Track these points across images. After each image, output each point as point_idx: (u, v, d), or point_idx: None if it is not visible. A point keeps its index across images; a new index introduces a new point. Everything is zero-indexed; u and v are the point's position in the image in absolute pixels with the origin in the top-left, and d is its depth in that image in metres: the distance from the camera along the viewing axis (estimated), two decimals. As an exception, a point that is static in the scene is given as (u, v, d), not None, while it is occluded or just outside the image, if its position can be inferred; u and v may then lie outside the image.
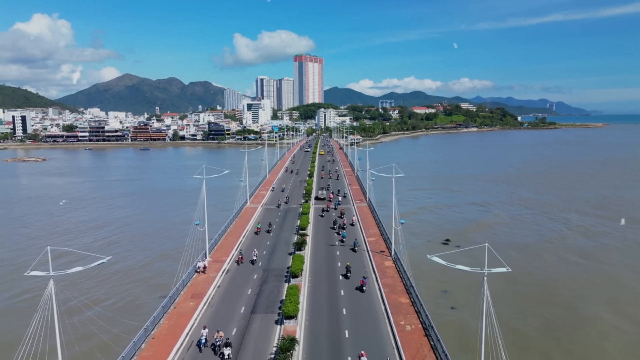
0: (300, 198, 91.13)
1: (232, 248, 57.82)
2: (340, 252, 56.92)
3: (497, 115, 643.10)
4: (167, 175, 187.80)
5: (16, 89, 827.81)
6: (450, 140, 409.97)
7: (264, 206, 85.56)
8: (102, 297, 58.49)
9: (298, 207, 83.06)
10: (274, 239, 63.50)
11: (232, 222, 70.20)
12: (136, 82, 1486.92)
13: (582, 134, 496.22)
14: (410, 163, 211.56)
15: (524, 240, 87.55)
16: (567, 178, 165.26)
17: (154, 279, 65.07)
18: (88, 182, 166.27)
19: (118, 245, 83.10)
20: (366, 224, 70.03)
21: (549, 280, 65.25)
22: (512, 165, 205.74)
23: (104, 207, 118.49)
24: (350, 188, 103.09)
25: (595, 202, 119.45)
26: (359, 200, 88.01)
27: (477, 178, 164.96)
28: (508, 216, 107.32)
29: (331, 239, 62.93)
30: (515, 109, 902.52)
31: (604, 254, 77.92)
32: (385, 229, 62.77)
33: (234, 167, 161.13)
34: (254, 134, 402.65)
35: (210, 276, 48.13)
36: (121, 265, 70.36)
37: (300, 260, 47.81)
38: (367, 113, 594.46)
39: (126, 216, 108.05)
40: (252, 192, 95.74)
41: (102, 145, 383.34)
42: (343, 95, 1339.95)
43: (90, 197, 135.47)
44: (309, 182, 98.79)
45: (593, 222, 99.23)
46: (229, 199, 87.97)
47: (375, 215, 73.96)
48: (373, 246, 58.15)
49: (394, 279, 47.14)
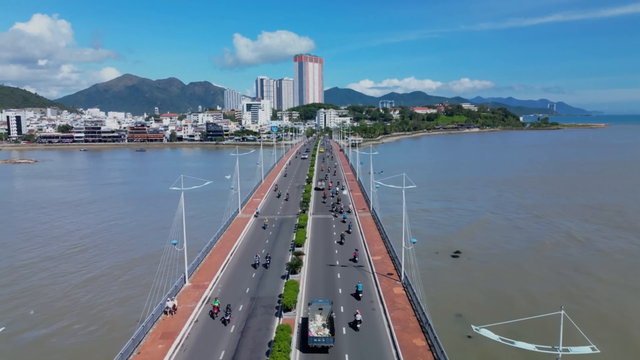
0: (297, 207, 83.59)
1: (217, 269, 50.25)
2: (343, 275, 49.43)
3: (499, 115, 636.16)
4: (160, 178, 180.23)
5: (15, 89, 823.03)
6: (453, 141, 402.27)
7: (259, 217, 77.95)
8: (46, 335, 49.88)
9: (294, 217, 75.53)
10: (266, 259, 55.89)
11: (219, 237, 62.50)
12: (136, 82, 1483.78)
13: (586, 135, 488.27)
14: (413, 164, 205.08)
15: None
16: (588, 181, 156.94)
17: (114, 314, 53.69)
18: (75, 186, 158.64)
19: (77, 263, 72.22)
20: (370, 238, 62.41)
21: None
22: (520, 167, 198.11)
23: (82, 214, 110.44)
24: (352, 195, 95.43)
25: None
26: (361, 210, 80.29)
27: (486, 181, 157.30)
28: (524, 227, 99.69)
29: (331, 254, 55.49)
30: (515, 109, 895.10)
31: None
32: (393, 246, 55.18)
33: (231, 169, 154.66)
34: (253, 134, 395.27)
35: (187, 307, 40.59)
36: (77, 297, 58.97)
37: (293, 289, 40.30)
38: (367, 113, 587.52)
39: (101, 228, 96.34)
40: (245, 200, 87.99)
41: (98, 146, 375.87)
42: (343, 96, 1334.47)
43: (72, 201, 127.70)
44: (307, 189, 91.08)
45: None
46: (220, 205, 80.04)
47: (380, 228, 66.31)
48: (379, 267, 50.55)
49: (406, 312, 39.55)
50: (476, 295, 58.67)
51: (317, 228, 69.37)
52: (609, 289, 61.33)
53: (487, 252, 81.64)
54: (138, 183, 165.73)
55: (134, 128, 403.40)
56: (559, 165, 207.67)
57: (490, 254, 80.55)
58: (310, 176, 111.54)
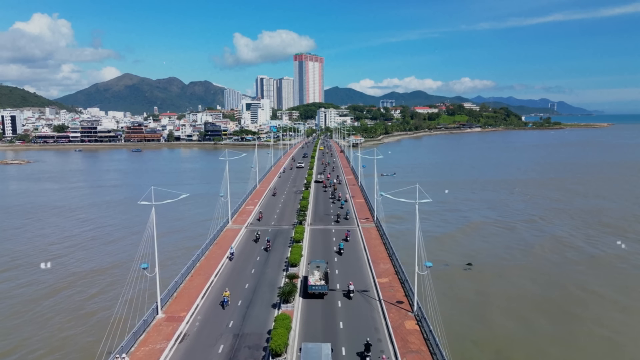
0: (293, 216, 76.04)
1: (198, 295, 43.06)
2: (344, 305, 42.24)
3: (501, 115, 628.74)
4: (155, 180, 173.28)
5: (13, 88, 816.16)
6: (455, 141, 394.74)
7: (250, 227, 70.69)
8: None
9: (290, 228, 68.03)
10: (255, 279, 48.68)
11: (204, 253, 55.21)
12: (136, 81, 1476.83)
13: (591, 135, 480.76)
14: (416, 165, 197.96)
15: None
16: (607, 183, 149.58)
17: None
18: (63, 190, 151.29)
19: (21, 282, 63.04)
20: (375, 254, 55.03)
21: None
22: (531, 169, 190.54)
23: (60, 222, 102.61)
24: (354, 201, 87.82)
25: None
26: (364, 219, 72.63)
27: (496, 183, 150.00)
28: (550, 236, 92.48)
29: (330, 276, 48.30)
30: (516, 109, 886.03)
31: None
32: (402, 266, 47.95)
33: (230, 171, 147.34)
34: (252, 134, 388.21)
35: (156, 348, 33.50)
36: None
37: (284, 326, 33.17)
38: (368, 113, 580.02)
39: (71, 243, 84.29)
40: (237, 207, 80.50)
41: (94, 146, 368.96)
42: (344, 95, 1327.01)
43: (53, 206, 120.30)
44: (304, 196, 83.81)
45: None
46: (208, 214, 72.55)
47: (386, 242, 59.02)
48: (386, 293, 43.29)
49: (422, 355, 32.44)
50: (501, 325, 50.85)
51: (316, 241, 62.16)
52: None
53: (501, 262, 74.72)
54: (129, 186, 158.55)
55: (131, 128, 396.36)
56: (577, 166, 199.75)
57: (504, 264, 73.65)
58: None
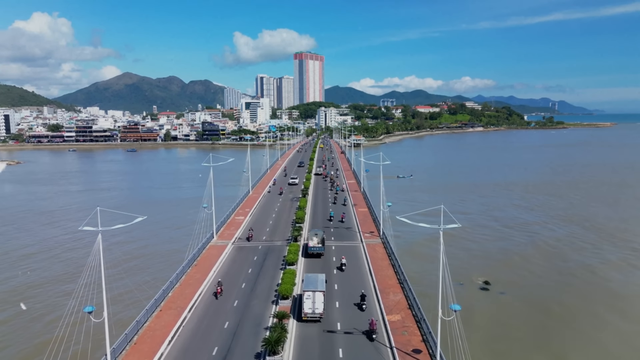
0: (287, 230, 66.84)
1: (164, 340, 34.47)
2: (347, 348, 33.73)
3: (503, 114, 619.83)
4: (147, 183, 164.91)
5: (11, 87, 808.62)
6: (458, 141, 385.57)
7: (237, 243, 61.46)
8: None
9: (283, 245, 58.92)
10: (239, 313, 40.10)
11: (179, 279, 46.17)
12: (136, 80, 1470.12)
13: (595, 134, 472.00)
14: (422, 166, 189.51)
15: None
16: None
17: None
18: (48, 193, 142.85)
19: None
20: (383, 281, 45.99)
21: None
22: (543, 171, 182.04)
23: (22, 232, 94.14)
24: (356, 211, 78.33)
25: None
26: (368, 234, 63.09)
27: (507, 187, 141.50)
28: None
29: (330, 316, 39.82)
30: (517, 108, 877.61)
31: None
32: (416, 298, 39.32)
33: (227, 172, 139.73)
34: (251, 134, 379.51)
35: None
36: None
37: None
38: (369, 112, 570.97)
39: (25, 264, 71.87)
40: (225, 218, 71.31)
41: (89, 146, 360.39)
42: (344, 94, 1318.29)
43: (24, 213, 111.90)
44: (301, 204, 75.00)
45: None
46: (187, 228, 63.66)
47: (394, 264, 50.41)
48: (398, 336, 34.55)
49: None
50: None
51: (313, 262, 53.44)
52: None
53: (524, 282, 66.16)
54: (118, 189, 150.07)
55: (127, 127, 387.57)
56: (586, 169, 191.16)
57: (528, 285, 65.15)
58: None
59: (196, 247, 53.18)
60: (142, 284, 51.22)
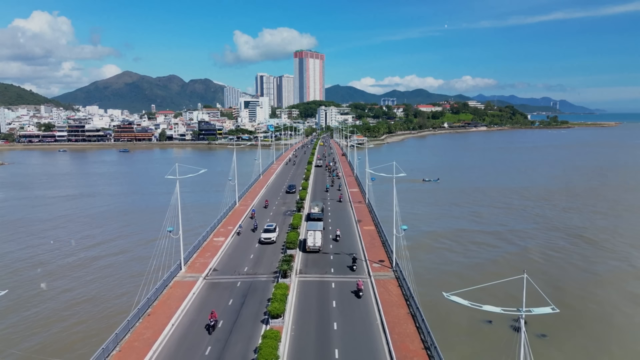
0: (277, 256, 52.59)
1: None
2: None
3: (507, 113, 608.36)
4: (133, 187, 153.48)
5: (9, 85, 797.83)
6: (462, 141, 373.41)
7: (208, 279, 46.48)
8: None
9: (269, 281, 45.68)
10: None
11: (131, 329, 34.66)
12: (136, 79, 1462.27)
13: (605, 134, 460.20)
14: (428, 167, 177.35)
15: None
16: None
17: None
18: (24, 199, 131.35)
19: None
20: (402, 346, 33.02)
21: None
22: (556, 175, 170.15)
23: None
24: (361, 229, 64.69)
25: None
26: (377, 264, 49.14)
27: (522, 194, 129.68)
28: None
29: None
30: (518, 107, 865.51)
31: None
32: (440, 351, 27.59)
33: (223, 174, 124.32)
34: (248, 133, 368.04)
35: None
36: None
37: None
38: (370, 111, 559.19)
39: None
40: (198, 243, 55.99)
41: (81, 146, 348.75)
42: (345, 93, 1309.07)
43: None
44: (294, 219, 63.28)
45: None
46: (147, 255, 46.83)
47: (411, 304, 38.74)
48: None
49: None
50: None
51: (305, 310, 39.36)
52: None
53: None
54: (102, 195, 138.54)
55: (121, 127, 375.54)
56: (606, 172, 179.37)
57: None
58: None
59: (154, 286, 40.34)
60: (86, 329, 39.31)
